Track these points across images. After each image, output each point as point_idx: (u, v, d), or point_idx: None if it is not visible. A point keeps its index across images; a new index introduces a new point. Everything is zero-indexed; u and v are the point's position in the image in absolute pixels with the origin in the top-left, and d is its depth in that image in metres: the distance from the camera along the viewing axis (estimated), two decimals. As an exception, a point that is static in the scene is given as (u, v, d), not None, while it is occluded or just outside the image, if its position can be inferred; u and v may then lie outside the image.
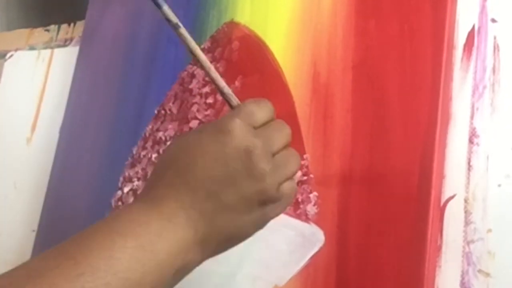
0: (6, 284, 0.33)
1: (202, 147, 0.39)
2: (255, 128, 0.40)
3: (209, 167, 0.38)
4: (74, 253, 0.35)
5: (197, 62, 0.43)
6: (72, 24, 0.80)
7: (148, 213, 0.37)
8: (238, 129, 0.39)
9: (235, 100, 0.43)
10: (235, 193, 0.38)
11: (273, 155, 0.40)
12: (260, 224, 0.41)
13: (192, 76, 0.64)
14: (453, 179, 0.50)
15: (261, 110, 0.41)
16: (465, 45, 0.53)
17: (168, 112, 0.65)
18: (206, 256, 0.40)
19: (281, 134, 0.41)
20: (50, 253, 0.35)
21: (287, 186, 0.41)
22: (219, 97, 0.58)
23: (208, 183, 0.38)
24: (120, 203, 0.65)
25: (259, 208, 0.39)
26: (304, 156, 0.55)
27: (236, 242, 0.41)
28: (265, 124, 0.41)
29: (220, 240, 0.39)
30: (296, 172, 0.42)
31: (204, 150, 0.39)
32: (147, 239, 0.36)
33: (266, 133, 0.40)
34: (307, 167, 0.55)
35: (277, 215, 0.41)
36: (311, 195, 0.54)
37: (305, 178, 0.55)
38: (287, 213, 0.54)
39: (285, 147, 0.42)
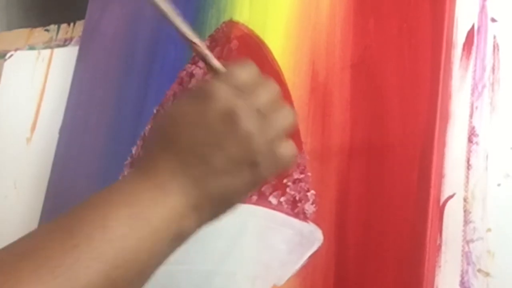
0: (3, 260, 0.33)
1: (186, 116, 0.39)
2: (238, 89, 0.40)
3: (195, 134, 0.38)
4: (69, 225, 0.35)
5: (171, 25, 0.43)
6: (71, 24, 0.80)
7: (140, 184, 0.38)
8: (219, 92, 0.39)
9: (217, 63, 0.42)
10: (224, 156, 0.38)
11: (261, 113, 0.39)
12: (254, 184, 0.40)
13: (191, 75, 0.64)
14: (452, 178, 0.50)
15: (244, 72, 0.41)
16: (464, 44, 0.53)
17: (168, 111, 0.65)
18: (203, 222, 0.40)
19: (268, 91, 0.41)
20: (45, 227, 0.36)
21: (282, 147, 0.40)
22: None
23: (196, 150, 0.38)
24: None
25: (250, 168, 0.39)
26: (302, 155, 0.55)
27: (231, 205, 0.41)
28: (250, 84, 0.40)
29: (214, 204, 0.39)
30: (289, 127, 0.41)
31: (188, 118, 0.39)
32: (140, 208, 0.36)
33: (250, 92, 0.40)
34: (304, 165, 0.55)
35: (273, 174, 0.41)
36: (309, 194, 0.54)
37: (302, 176, 0.54)
38: (285, 212, 0.54)
39: (275, 103, 0.41)
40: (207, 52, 0.42)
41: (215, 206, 0.39)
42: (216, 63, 0.42)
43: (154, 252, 0.36)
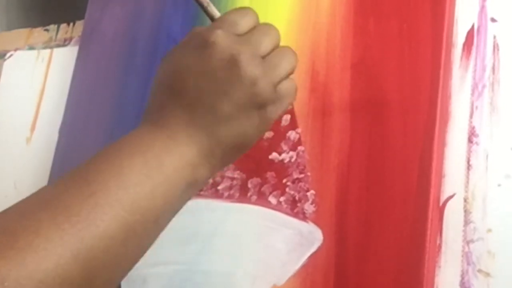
0: (23, 211, 0.34)
1: (190, 67, 0.39)
2: (239, 35, 0.40)
3: (200, 84, 0.39)
4: (85, 175, 0.36)
5: None
6: (71, 24, 0.80)
7: (151, 135, 0.39)
8: (220, 39, 0.39)
9: (216, 12, 0.43)
10: (230, 102, 0.39)
11: (264, 57, 0.40)
12: (263, 127, 0.41)
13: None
14: (452, 178, 0.50)
15: (244, 18, 0.41)
16: (464, 44, 0.53)
17: (167, 111, 0.65)
18: (216, 169, 0.41)
19: (269, 36, 0.41)
20: (62, 179, 0.37)
21: (285, 86, 0.41)
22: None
23: (203, 99, 0.39)
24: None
25: (258, 111, 0.40)
26: (301, 152, 0.55)
27: (242, 150, 0.42)
28: (250, 30, 0.41)
29: (225, 150, 0.40)
30: (292, 69, 0.42)
31: (192, 69, 0.39)
32: (153, 156, 0.37)
33: (251, 37, 0.40)
34: (304, 165, 0.55)
35: (279, 115, 0.42)
36: (308, 194, 0.54)
37: (302, 176, 0.54)
38: (285, 212, 0.54)
39: (276, 47, 0.42)
40: (211, 4, 0.43)
41: (226, 153, 0.40)
42: (214, 10, 0.43)
43: (168, 198, 0.37)
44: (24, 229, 0.32)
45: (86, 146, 0.70)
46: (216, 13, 0.43)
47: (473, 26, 0.53)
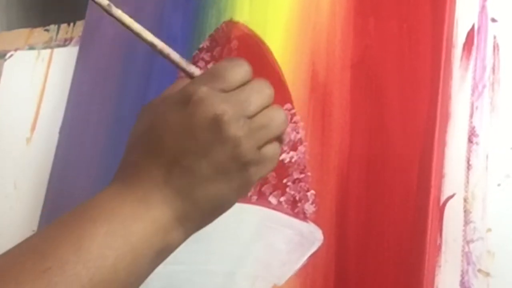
0: None
1: (168, 122, 0.37)
2: (227, 92, 0.37)
3: (179, 143, 0.36)
4: (42, 246, 0.33)
5: (144, 41, 0.40)
6: (71, 24, 0.80)
7: (121, 197, 0.36)
8: (204, 96, 0.36)
9: (194, 69, 0.40)
10: (209, 164, 0.36)
11: (251, 117, 0.37)
12: (243, 189, 0.39)
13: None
14: (452, 178, 0.50)
15: (233, 72, 0.38)
16: (464, 44, 0.53)
17: (168, 111, 0.65)
18: (191, 232, 0.38)
19: (260, 95, 0.38)
20: (18, 248, 0.34)
21: (269, 149, 0.38)
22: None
23: (181, 159, 0.36)
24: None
25: (239, 173, 0.37)
26: (301, 153, 0.55)
27: (220, 212, 0.39)
28: (240, 86, 0.38)
29: (202, 213, 0.38)
30: (280, 132, 0.39)
31: (171, 125, 0.36)
32: (119, 223, 0.34)
33: (239, 96, 0.37)
34: (304, 165, 0.55)
35: (261, 177, 0.39)
36: (308, 194, 0.54)
37: (302, 176, 0.54)
38: (285, 212, 0.54)
39: (266, 106, 0.38)
40: (176, 58, 0.40)
41: (203, 215, 0.38)
42: (191, 68, 0.40)
43: (134, 270, 0.35)
44: None
45: (86, 146, 0.70)
46: (195, 70, 0.40)
47: (473, 26, 0.53)
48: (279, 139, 0.40)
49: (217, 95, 0.36)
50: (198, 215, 0.37)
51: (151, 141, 0.37)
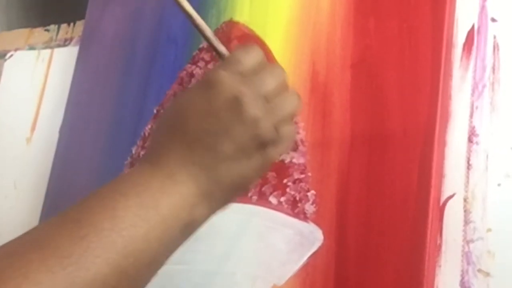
0: (12, 252, 0.33)
1: (192, 106, 0.39)
2: (244, 75, 0.40)
3: (202, 123, 0.39)
4: (78, 215, 0.35)
5: (180, 8, 0.43)
6: (71, 24, 0.80)
7: (149, 174, 0.38)
8: (224, 79, 0.39)
9: (223, 49, 0.43)
10: (231, 143, 0.38)
11: (267, 98, 0.40)
12: (262, 168, 0.41)
13: (191, 75, 0.64)
14: (452, 178, 0.50)
15: (248, 56, 0.41)
16: (464, 44, 0.53)
17: (168, 111, 0.65)
18: (215, 209, 0.40)
19: (273, 76, 0.41)
20: (55, 219, 0.36)
21: (286, 129, 0.41)
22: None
23: (204, 138, 0.39)
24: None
25: (258, 152, 0.40)
26: (302, 153, 0.55)
27: (242, 190, 0.41)
28: (255, 69, 0.41)
29: (224, 190, 0.40)
30: (294, 112, 0.42)
31: (194, 108, 0.39)
32: (149, 197, 0.37)
33: (255, 78, 0.40)
34: (304, 165, 0.55)
35: (279, 156, 0.42)
36: (309, 194, 0.54)
37: (303, 176, 0.54)
38: (285, 212, 0.54)
39: (281, 88, 0.41)
40: (212, 37, 0.43)
41: (226, 192, 0.40)
42: (221, 47, 0.43)
43: (164, 240, 0.37)
44: (13, 271, 0.31)
45: (86, 146, 0.70)
46: (223, 50, 0.43)
47: (473, 26, 0.53)
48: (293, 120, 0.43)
49: (236, 78, 0.39)
50: (221, 192, 0.39)
51: (176, 123, 0.40)
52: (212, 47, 0.43)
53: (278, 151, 0.41)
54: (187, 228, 0.38)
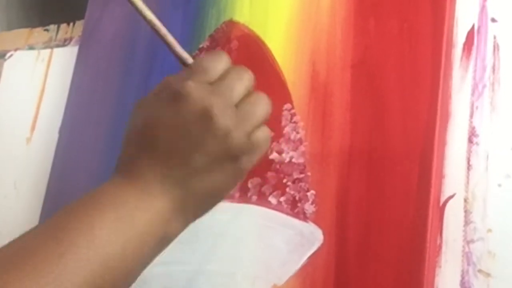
0: None
1: (161, 119, 0.38)
2: (211, 84, 0.39)
3: (173, 137, 0.38)
4: (54, 232, 0.35)
5: (148, 23, 0.42)
6: (71, 24, 0.80)
7: (125, 187, 0.38)
8: (192, 91, 0.38)
9: (187, 56, 0.42)
10: (203, 156, 0.38)
11: (237, 104, 0.39)
12: (236, 177, 0.40)
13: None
14: (452, 178, 0.50)
15: (215, 63, 0.40)
16: (464, 44, 0.53)
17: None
18: (190, 221, 0.40)
19: (241, 81, 0.40)
20: (33, 233, 0.35)
21: (258, 135, 0.40)
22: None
23: (176, 152, 0.38)
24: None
25: (232, 162, 0.39)
26: (301, 152, 0.55)
27: (216, 201, 0.41)
28: (222, 76, 0.40)
29: (199, 202, 0.39)
30: (265, 116, 0.41)
31: (163, 122, 0.38)
32: (126, 212, 0.36)
33: (223, 86, 0.39)
34: (304, 165, 0.55)
35: (253, 164, 0.41)
36: (308, 194, 0.54)
37: (302, 176, 0.54)
38: (285, 212, 0.54)
39: (249, 92, 0.40)
40: (175, 43, 0.41)
41: (200, 204, 0.40)
42: (184, 54, 0.42)
43: (140, 255, 0.37)
44: None
45: (86, 146, 0.70)
46: (183, 54, 0.41)
47: (473, 26, 0.53)
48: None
49: (204, 88, 0.38)
50: (196, 204, 0.39)
51: (146, 138, 0.39)
52: (174, 54, 0.41)
53: (252, 160, 0.40)
54: (162, 242, 0.38)
